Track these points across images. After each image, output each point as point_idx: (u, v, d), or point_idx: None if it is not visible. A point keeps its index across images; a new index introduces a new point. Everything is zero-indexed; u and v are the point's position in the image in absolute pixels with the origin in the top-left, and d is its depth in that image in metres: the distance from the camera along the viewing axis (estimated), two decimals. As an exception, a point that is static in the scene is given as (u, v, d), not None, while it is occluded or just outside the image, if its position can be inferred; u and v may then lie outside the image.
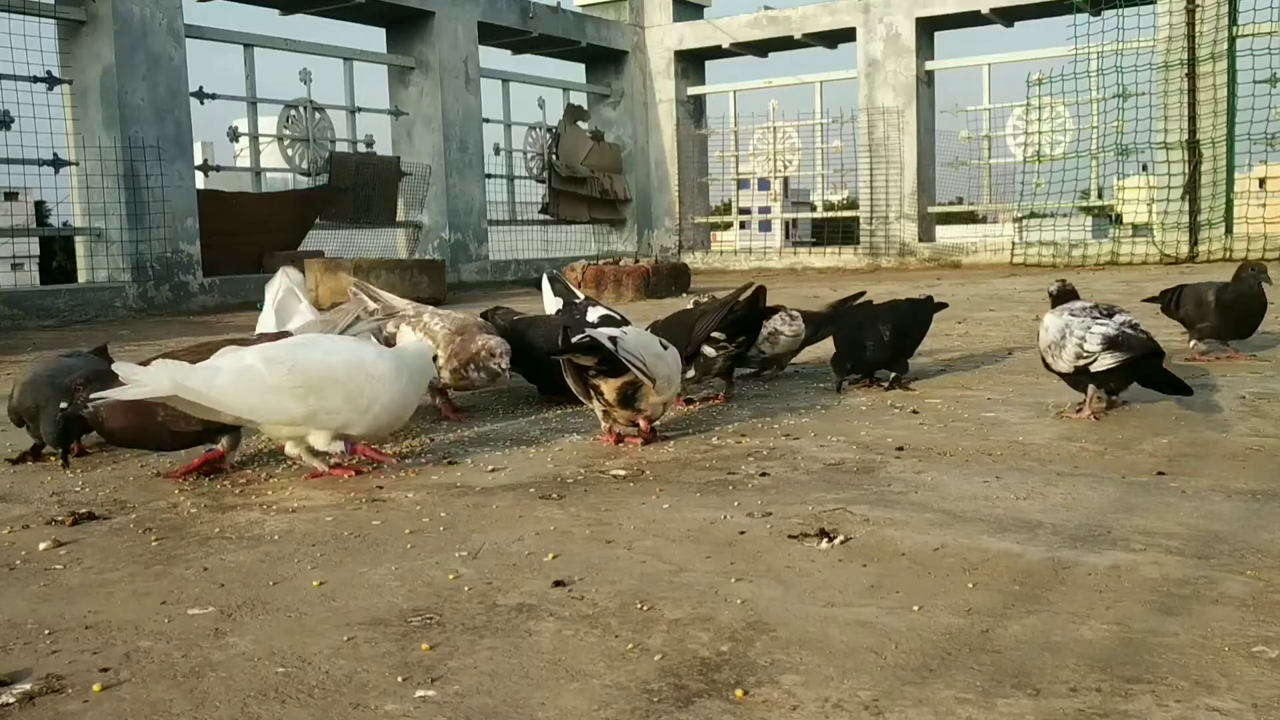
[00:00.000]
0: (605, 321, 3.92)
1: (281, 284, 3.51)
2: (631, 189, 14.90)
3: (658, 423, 3.12)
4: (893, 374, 3.86)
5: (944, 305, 4.22)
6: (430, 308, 3.70)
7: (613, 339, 2.87)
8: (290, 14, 11.70)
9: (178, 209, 9.55)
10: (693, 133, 15.19)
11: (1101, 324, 3.16)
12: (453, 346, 3.45)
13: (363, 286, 3.80)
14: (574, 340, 2.94)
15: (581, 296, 4.27)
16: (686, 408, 3.59)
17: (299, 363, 2.57)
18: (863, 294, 4.46)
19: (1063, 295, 3.43)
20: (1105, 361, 3.11)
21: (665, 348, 3.06)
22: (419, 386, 2.84)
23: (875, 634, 1.58)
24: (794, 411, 3.47)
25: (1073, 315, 3.25)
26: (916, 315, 4.01)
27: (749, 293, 3.63)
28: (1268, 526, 2.06)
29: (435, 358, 2.91)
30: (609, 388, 2.93)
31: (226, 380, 2.50)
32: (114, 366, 2.56)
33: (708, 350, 3.58)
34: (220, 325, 7.50)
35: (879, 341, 3.77)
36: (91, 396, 2.59)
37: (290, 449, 2.73)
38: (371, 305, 3.63)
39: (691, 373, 3.61)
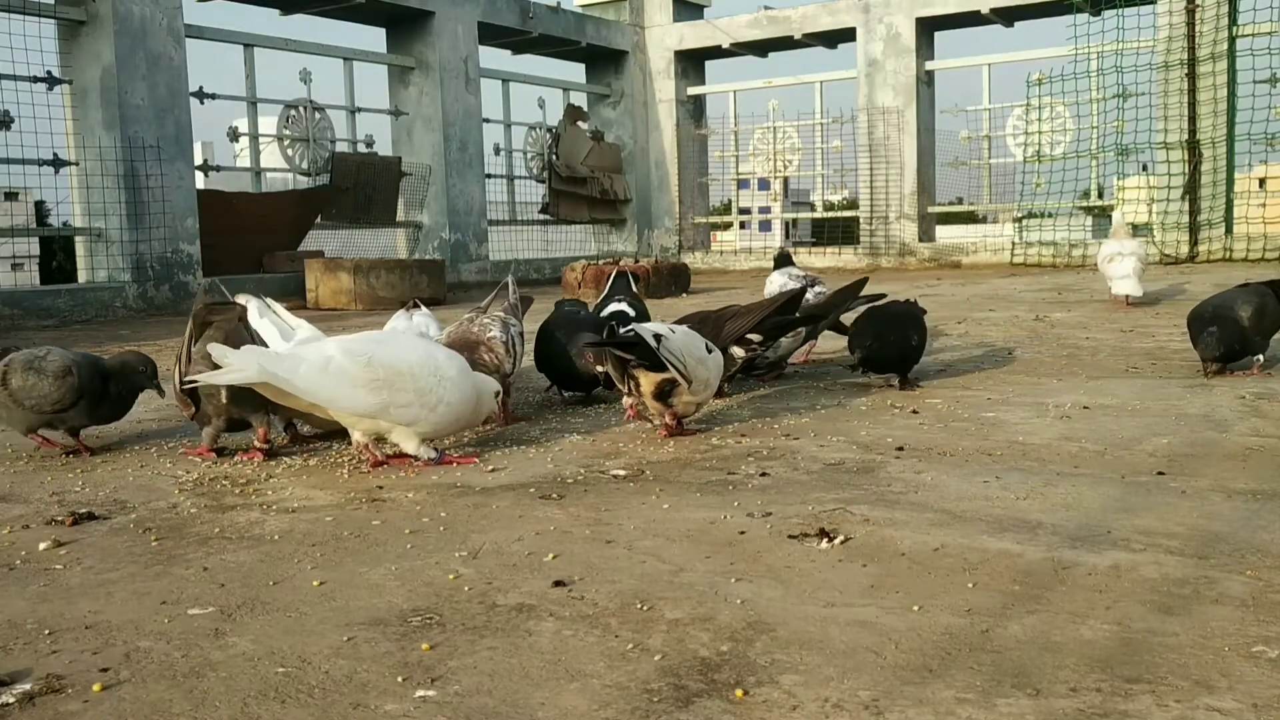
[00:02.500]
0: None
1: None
2: (631, 189, 14.90)
3: (686, 420, 3.22)
4: (898, 376, 3.86)
5: (924, 310, 4.20)
6: (501, 318, 3.57)
7: (658, 336, 2.93)
8: (290, 14, 11.70)
9: (178, 209, 9.54)
10: (693, 133, 15.19)
11: (819, 286, 4.81)
12: None
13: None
14: (620, 334, 3.03)
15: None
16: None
17: (376, 356, 2.70)
18: (865, 280, 4.42)
19: (782, 259, 5.46)
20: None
21: (710, 351, 3.12)
22: (484, 400, 2.92)
23: (875, 634, 1.57)
24: (794, 411, 3.47)
25: (794, 279, 4.91)
26: (921, 318, 4.02)
27: (788, 296, 3.75)
28: (1268, 526, 2.06)
29: (497, 393, 3.04)
30: (647, 381, 3.00)
31: (309, 370, 2.63)
32: (209, 348, 2.70)
33: (736, 351, 3.61)
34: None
35: (910, 342, 3.80)
36: (185, 379, 2.76)
37: (358, 437, 2.82)
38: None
39: None
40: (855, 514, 2.23)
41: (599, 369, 3.35)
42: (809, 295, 4.44)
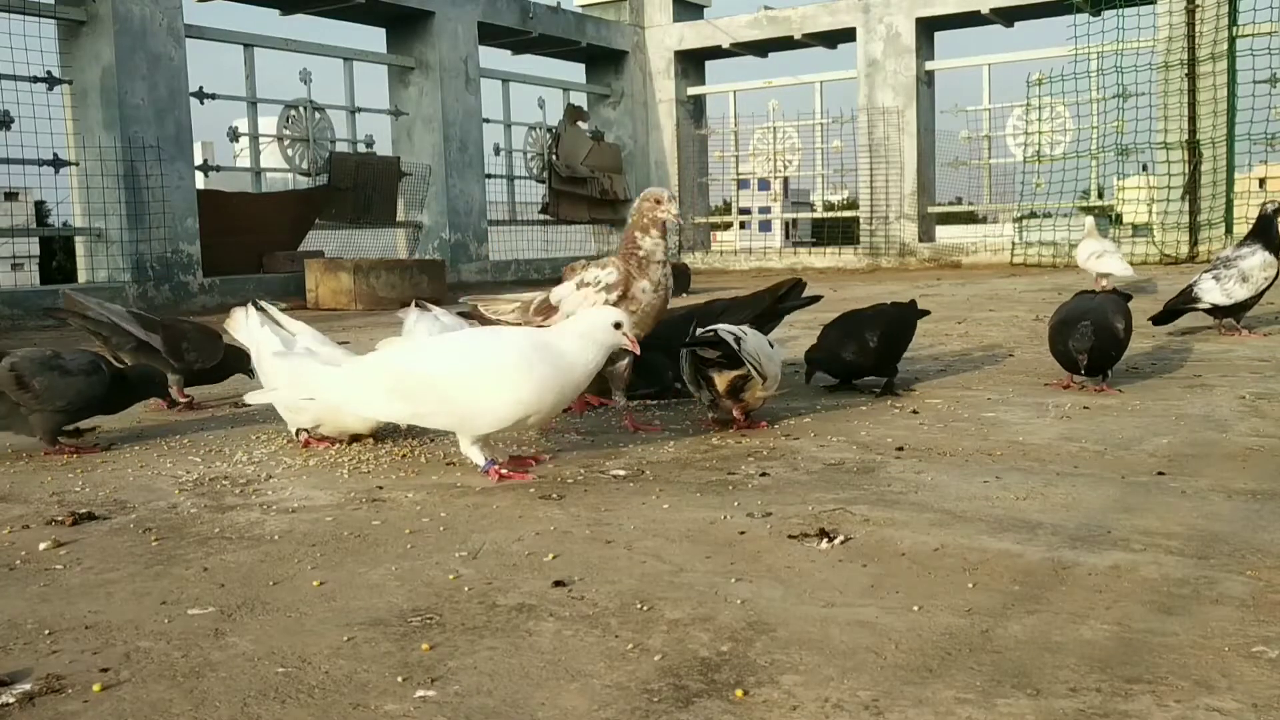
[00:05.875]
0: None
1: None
2: (631, 189, 14.89)
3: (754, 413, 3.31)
4: (884, 380, 3.81)
5: (926, 312, 4.13)
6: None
7: (738, 338, 3.09)
8: (290, 14, 11.70)
9: (178, 209, 9.55)
10: (693, 133, 15.19)
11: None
12: None
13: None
14: (701, 335, 3.20)
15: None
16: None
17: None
18: (799, 283, 4.04)
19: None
20: None
21: (773, 346, 3.29)
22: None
23: (875, 634, 1.57)
24: (794, 411, 3.47)
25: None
26: (904, 320, 3.91)
27: (785, 288, 3.80)
28: (1268, 526, 2.06)
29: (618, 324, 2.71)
30: (722, 380, 3.12)
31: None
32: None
33: None
34: (220, 325, 7.51)
35: (864, 348, 3.69)
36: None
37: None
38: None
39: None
40: (855, 514, 2.23)
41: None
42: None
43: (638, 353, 2.84)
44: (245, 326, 3.35)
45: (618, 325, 2.68)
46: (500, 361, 2.60)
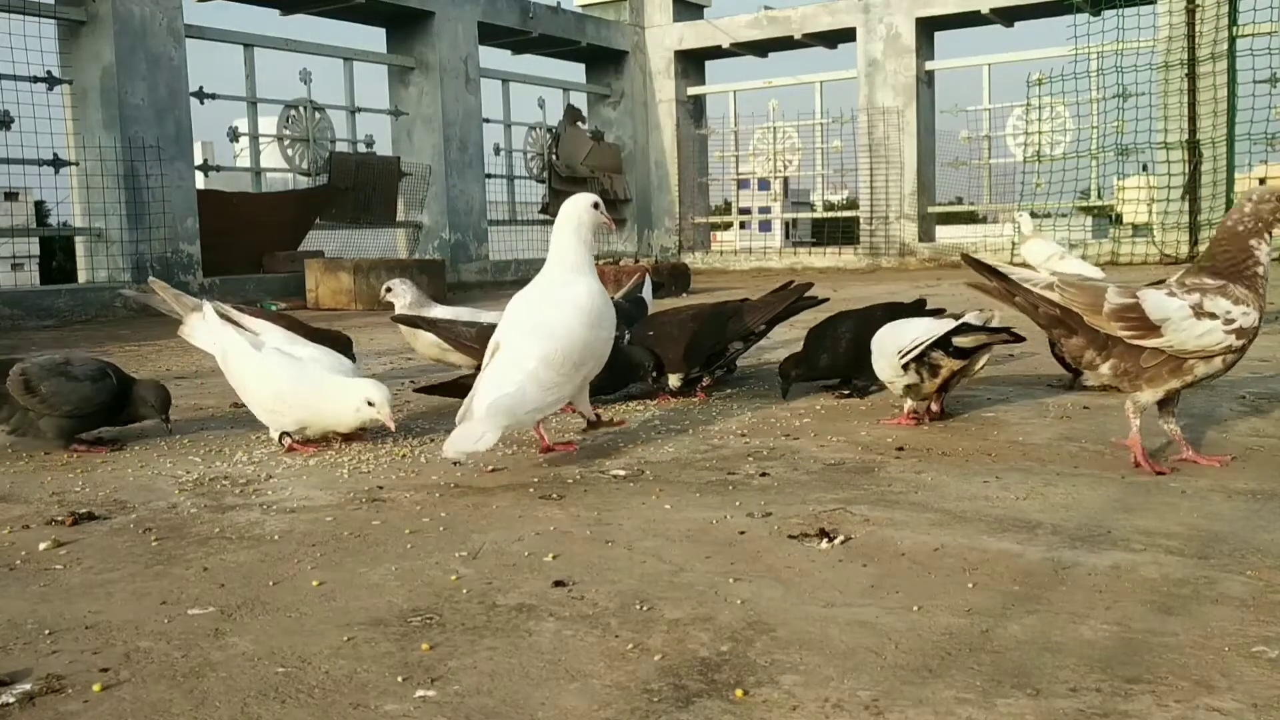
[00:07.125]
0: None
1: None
2: (631, 189, 14.90)
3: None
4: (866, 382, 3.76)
5: (940, 311, 4.10)
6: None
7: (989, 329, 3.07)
8: (290, 14, 11.71)
9: (178, 209, 9.55)
10: (693, 133, 15.20)
11: None
12: None
13: None
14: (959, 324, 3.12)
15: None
16: (672, 400, 3.60)
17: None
18: (791, 283, 4.05)
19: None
20: None
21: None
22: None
23: (875, 634, 1.57)
24: (794, 411, 3.47)
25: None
26: (894, 319, 3.86)
27: (804, 292, 3.86)
28: (1268, 526, 2.06)
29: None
30: (948, 367, 3.08)
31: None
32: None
33: (737, 344, 3.81)
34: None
35: (835, 350, 3.63)
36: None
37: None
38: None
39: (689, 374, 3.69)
40: (855, 514, 2.23)
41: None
42: None
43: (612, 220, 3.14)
44: (204, 329, 3.25)
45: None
46: (594, 292, 2.94)
